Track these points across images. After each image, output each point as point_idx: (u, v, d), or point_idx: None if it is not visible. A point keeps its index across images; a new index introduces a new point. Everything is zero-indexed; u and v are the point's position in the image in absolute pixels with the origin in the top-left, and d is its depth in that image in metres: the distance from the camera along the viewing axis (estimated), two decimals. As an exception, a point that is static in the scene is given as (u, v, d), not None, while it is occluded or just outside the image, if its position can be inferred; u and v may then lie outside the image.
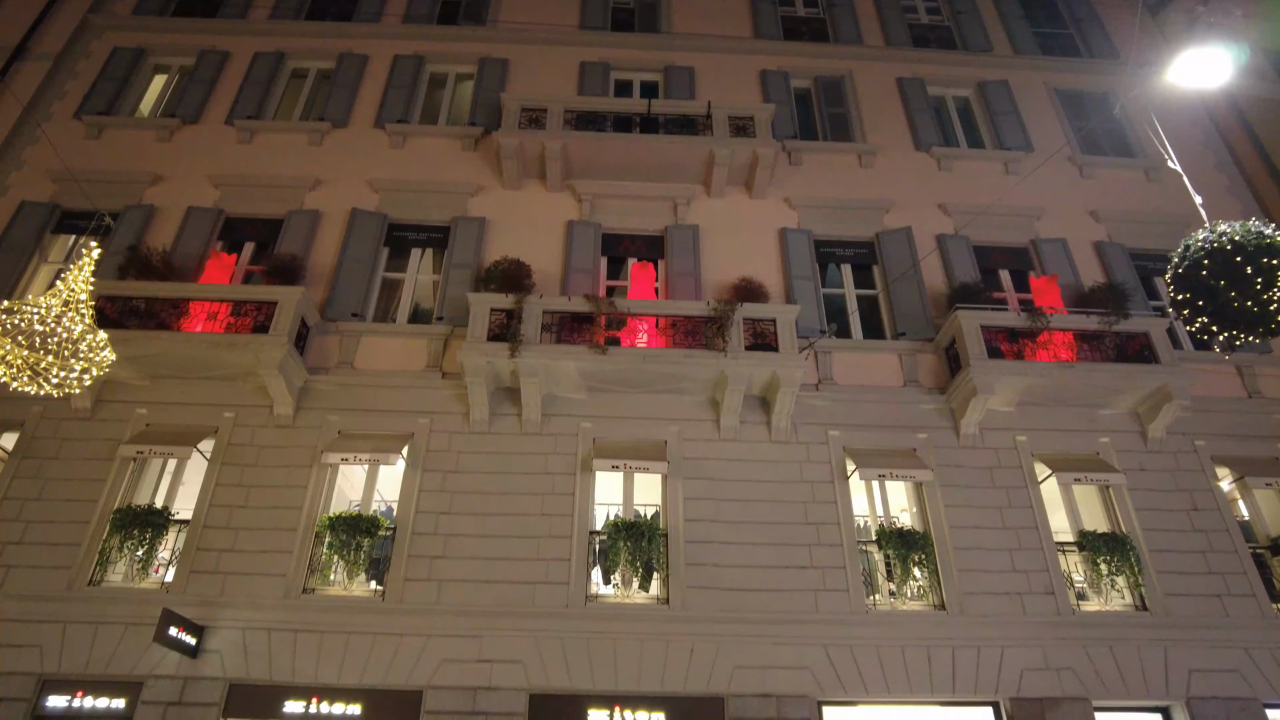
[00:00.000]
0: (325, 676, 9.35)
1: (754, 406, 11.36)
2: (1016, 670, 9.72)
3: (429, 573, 9.97)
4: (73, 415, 10.98)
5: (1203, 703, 9.69)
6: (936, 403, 11.62)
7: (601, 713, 9.25)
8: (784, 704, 9.35)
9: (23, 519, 10.22)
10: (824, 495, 10.78)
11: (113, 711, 9.21)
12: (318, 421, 11.06)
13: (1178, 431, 11.57)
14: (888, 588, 10.39)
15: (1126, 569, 10.40)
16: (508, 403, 11.21)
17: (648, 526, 10.28)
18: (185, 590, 9.76)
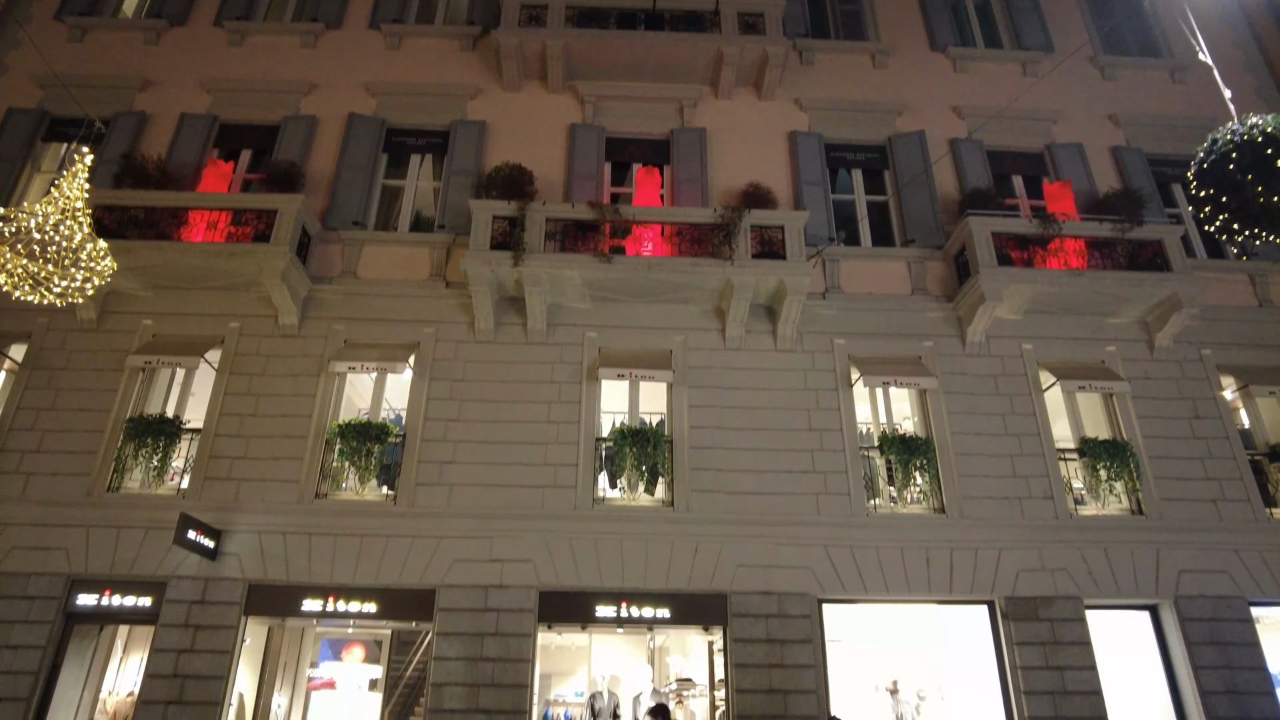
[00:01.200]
0: (341, 577, 9.68)
1: (760, 315, 11.30)
2: (1012, 571, 10.00)
3: (439, 477, 10.18)
4: (79, 326, 11.00)
5: (1190, 601, 10.00)
6: (944, 311, 11.54)
7: (609, 608, 9.62)
8: (785, 601, 9.68)
9: (38, 428, 10.38)
10: (828, 403, 10.86)
11: (140, 609, 9.60)
12: (323, 331, 11.07)
13: (1185, 340, 11.53)
14: (889, 492, 10.59)
15: (1125, 474, 10.55)
16: (512, 312, 11.17)
17: (653, 433, 10.40)
18: (200, 496, 10.00)
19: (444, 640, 9.37)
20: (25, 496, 9.92)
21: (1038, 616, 9.82)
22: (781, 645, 9.47)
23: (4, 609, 9.38)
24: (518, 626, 9.44)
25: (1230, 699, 9.53)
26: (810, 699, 9.25)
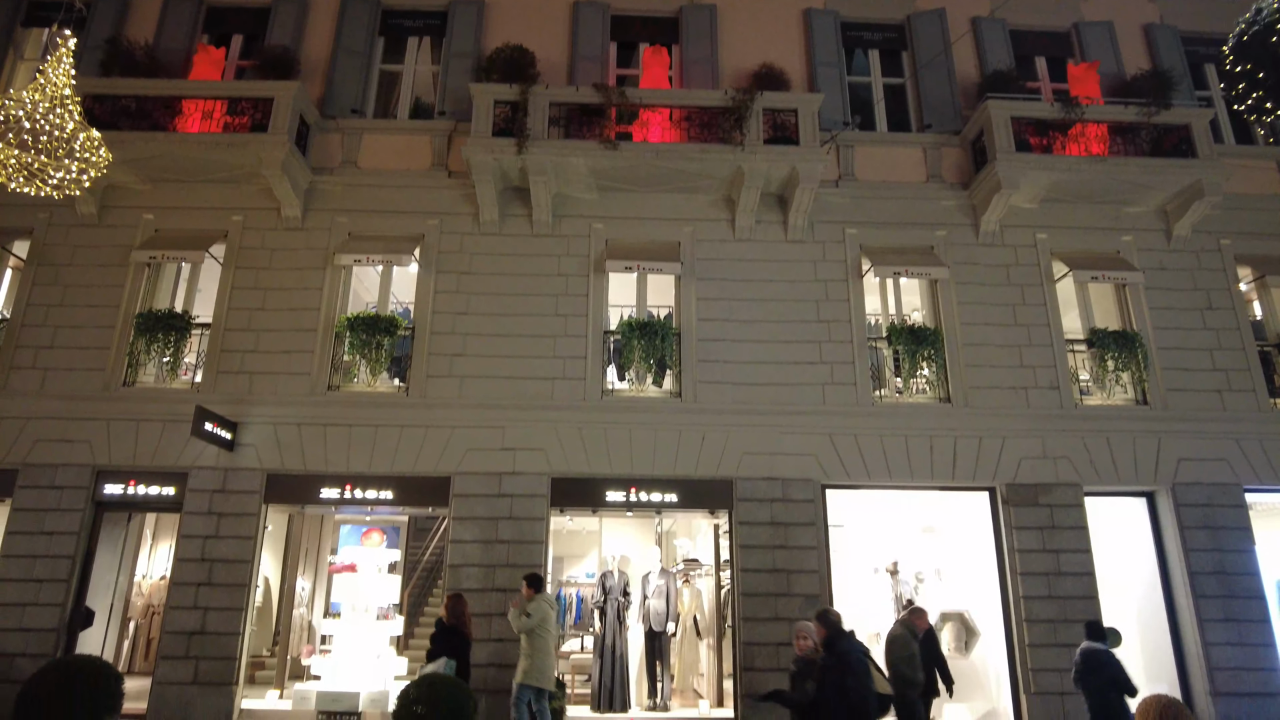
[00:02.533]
0: (357, 466, 9.92)
1: (770, 205, 11.07)
2: (1015, 459, 10.19)
3: (450, 369, 10.27)
4: (80, 222, 10.88)
5: (1187, 488, 10.22)
6: (958, 199, 11.28)
7: (618, 493, 9.90)
8: (789, 486, 9.93)
9: (49, 324, 10.44)
10: (837, 294, 10.78)
11: (165, 497, 9.93)
12: (327, 223, 10.93)
13: (1203, 230, 11.30)
14: (895, 383, 10.66)
15: (1133, 365, 10.57)
16: (517, 203, 10.97)
17: (661, 326, 10.40)
18: (214, 390, 10.14)
19: (459, 525, 9.71)
20: (44, 391, 10.08)
21: (1037, 502, 10.07)
22: (785, 528, 9.78)
23: (36, 498, 9.70)
24: (530, 511, 9.75)
25: (1217, 579, 9.88)
26: (813, 579, 9.63)
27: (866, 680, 5.26)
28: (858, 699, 5.14)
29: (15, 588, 9.38)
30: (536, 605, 8.18)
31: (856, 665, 5.26)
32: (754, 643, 9.38)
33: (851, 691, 5.16)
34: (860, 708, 5.14)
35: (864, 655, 5.43)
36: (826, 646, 5.44)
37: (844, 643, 5.41)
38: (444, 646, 7.99)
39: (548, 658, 8.15)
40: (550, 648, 8.23)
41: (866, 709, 5.16)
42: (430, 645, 8.16)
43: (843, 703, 5.15)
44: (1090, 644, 7.66)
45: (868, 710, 5.17)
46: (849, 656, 5.31)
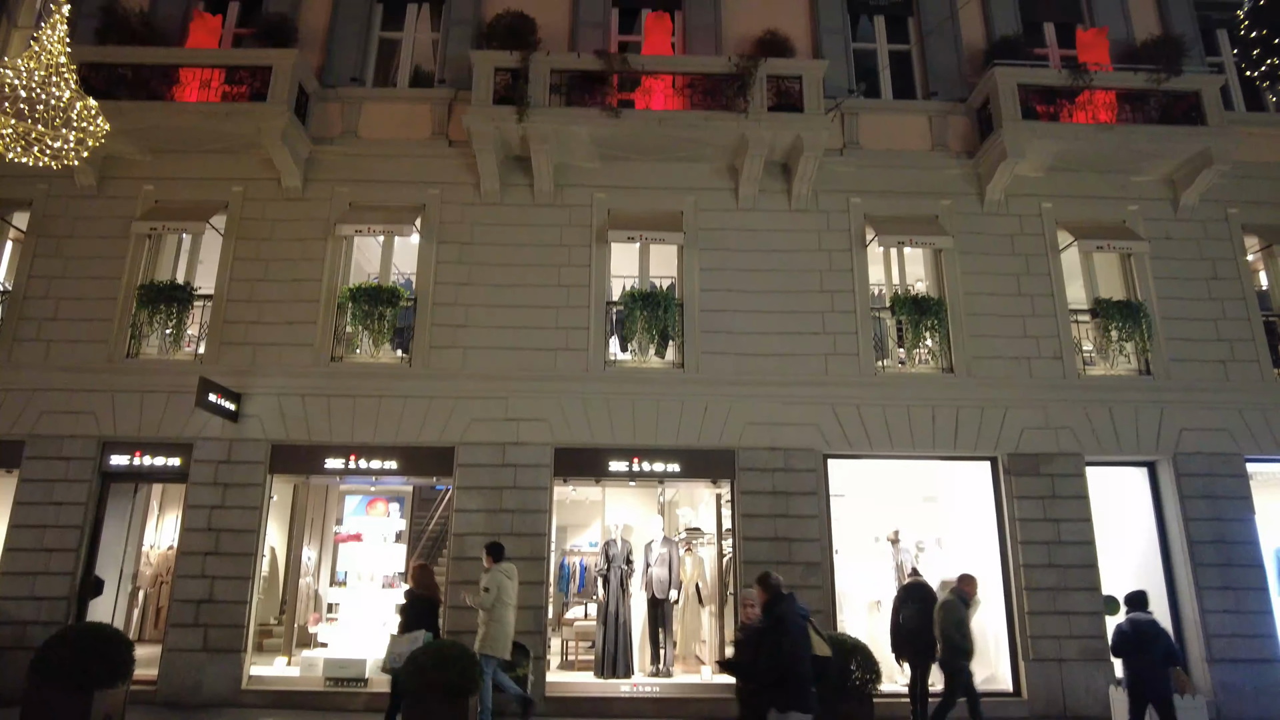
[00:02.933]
0: (361, 436, 9.97)
1: (775, 174, 10.98)
2: (1017, 428, 10.21)
3: (453, 340, 10.28)
4: (79, 193, 10.83)
5: (1188, 457, 10.25)
6: (963, 168, 11.19)
7: (621, 463, 9.95)
8: (791, 456, 9.98)
9: (52, 296, 10.44)
10: (841, 264, 10.74)
11: (170, 468, 10.00)
12: (327, 193, 10.87)
13: (1211, 199, 11.21)
14: (898, 353, 10.65)
15: (1137, 335, 10.55)
16: (518, 172, 10.89)
17: (663, 297, 10.38)
18: (218, 361, 10.17)
19: (464, 494, 9.78)
20: (48, 363, 10.12)
21: (1038, 472, 10.11)
22: (787, 497, 9.84)
23: (43, 469, 9.78)
24: (534, 481, 9.81)
25: (1215, 548, 9.95)
26: (814, 547, 9.71)
27: (803, 643, 5.32)
28: (792, 661, 5.23)
29: (26, 557, 9.50)
30: (492, 577, 8.23)
31: (793, 628, 5.33)
32: (756, 610, 9.48)
33: (786, 654, 5.25)
34: (794, 670, 5.22)
35: (804, 619, 5.48)
36: (765, 610, 5.53)
37: (782, 606, 5.47)
38: (417, 617, 8.00)
39: (504, 627, 8.14)
40: (507, 617, 8.20)
41: (800, 671, 5.23)
42: (402, 616, 8.17)
43: (778, 665, 5.25)
44: (1138, 615, 7.47)
45: (801, 672, 5.24)
46: (785, 620, 5.37)
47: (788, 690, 5.22)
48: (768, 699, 5.27)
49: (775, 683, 5.26)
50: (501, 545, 8.69)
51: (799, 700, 5.22)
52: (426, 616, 8.06)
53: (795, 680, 5.23)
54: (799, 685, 5.24)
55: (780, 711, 5.21)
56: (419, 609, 8.08)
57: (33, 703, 6.68)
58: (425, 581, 8.33)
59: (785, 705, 5.20)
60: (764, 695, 5.32)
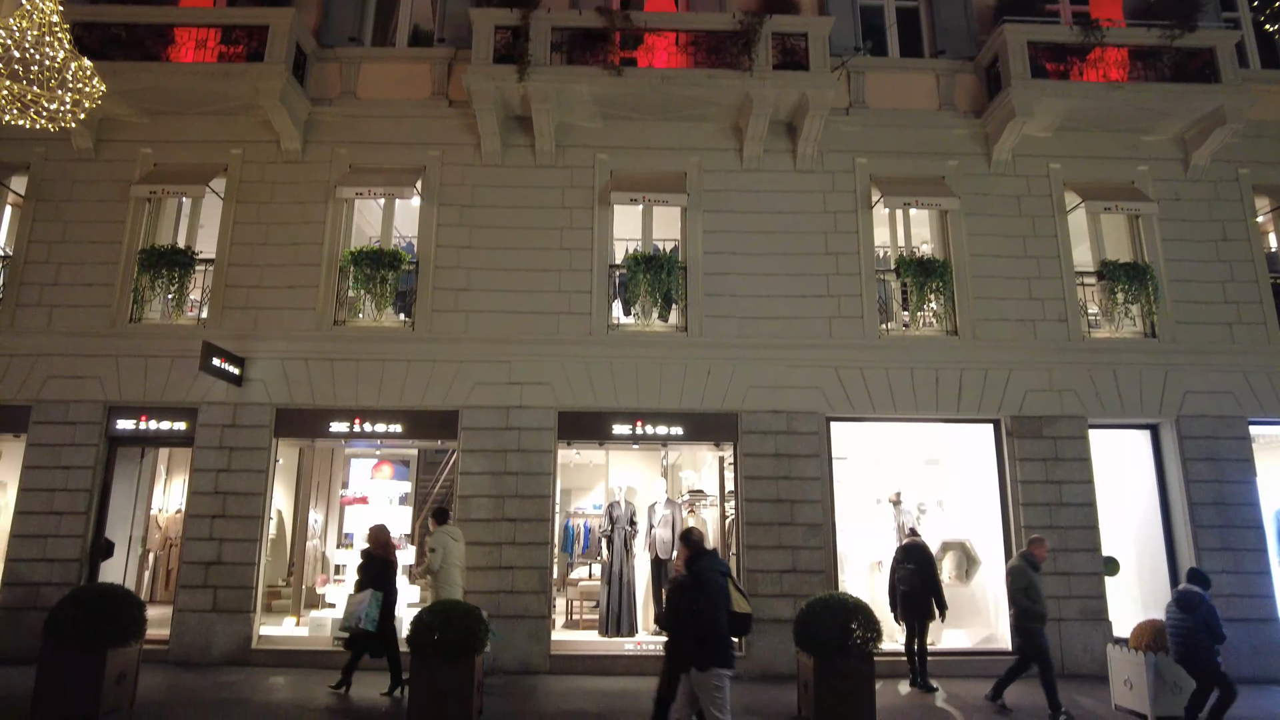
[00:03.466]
0: (365, 400, 10.00)
1: (779, 133, 10.84)
2: (1021, 391, 10.21)
3: (455, 304, 10.25)
4: (77, 156, 10.73)
5: (1191, 420, 10.25)
6: (970, 128, 11.03)
7: (625, 426, 9.99)
8: (794, 419, 10.00)
9: (53, 260, 10.40)
10: (846, 225, 10.64)
11: (176, 432, 10.05)
12: (327, 155, 10.76)
13: (1222, 159, 11.06)
14: (902, 316, 10.61)
15: (1143, 297, 10.49)
16: (519, 132, 10.75)
17: (666, 259, 10.31)
18: (220, 325, 10.16)
19: (469, 457, 9.83)
20: (52, 328, 10.12)
21: (1041, 434, 10.13)
22: (789, 460, 9.88)
23: (51, 434, 9.84)
24: (538, 444, 9.86)
25: (1216, 509, 10.01)
26: (815, 508, 9.77)
27: (719, 598, 5.38)
28: (708, 616, 5.29)
29: (37, 520, 9.60)
30: (438, 539, 8.46)
31: (710, 584, 5.40)
32: (757, 570, 9.59)
33: (703, 608, 5.31)
34: (709, 624, 5.29)
35: (723, 575, 5.55)
36: (686, 565, 5.59)
37: (702, 562, 5.54)
38: (372, 577, 8.15)
39: (453, 588, 8.38)
40: (455, 578, 8.43)
41: (716, 625, 5.31)
42: (359, 575, 8.32)
43: (695, 619, 5.32)
44: (1188, 586, 7.41)
45: (717, 626, 5.31)
46: (704, 575, 5.44)
47: (706, 646, 5.29)
48: (687, 655, 5.35)
49: (694, 639, 5.33)
50: (446, 509, 8.97)
51: (717, 656, 5.29)
52: (381, 576, 8.20)
53: (713, 637, 5.30)
54: (717, 641, 5.31)
55: (700, 669, 5.29)
56: (374, 568, 8.22)
57: (48, 662, 6.79)
58: (382, 541, 8.47)
59: (704, 662, 5.28)
60: (683, 651, 5.39)
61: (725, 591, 5.45)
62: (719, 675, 5.27)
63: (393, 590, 8.27)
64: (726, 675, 5.31)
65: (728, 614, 5.41)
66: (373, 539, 8.46)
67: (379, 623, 7.92)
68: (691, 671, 5.32)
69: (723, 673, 5.29)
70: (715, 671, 5.26)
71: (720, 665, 5.28)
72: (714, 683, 5.25)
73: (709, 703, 5.26)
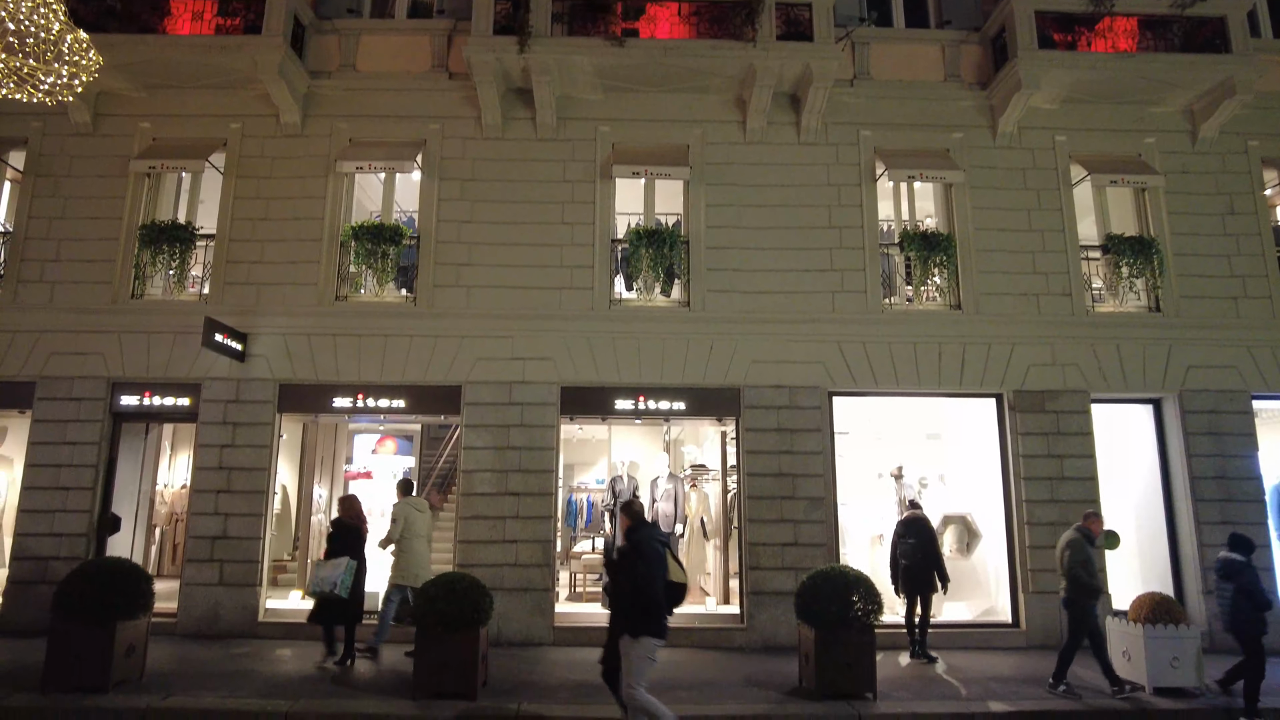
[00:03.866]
0: (368, 375, 10.01)
1: (783, 105, 10.73)
2: (1024, 366, 10.19)
3: (457, 279, 10.22)
4: (75, 131, 10.65)
5: (1194, 394, 10.24)
6: (976, 99, 10.91)
7: (627, 401, 10.00)
8: (796, 394, 10.00)
9: (53, 237, 10.36)
10: (850, 199, 10.57)
11: (180, 408, 10.08)
12: (326, 130, 10.67)
13: (1231, 131, 10.95)
14: (905, 290, 10.57)
15: (1148, 272, 10.44)
16: (520, 105, 10.65)
17: (669, 234, 10.26)
18: (222, 301, 10.15)
19: (472, 432, 9.86)
20: (54, 304, 10.11)
21: (1044, 409, 10.13)
22: (791, 434, 9.90)
23: (55, 410, 9.87)
24: (541, 419, 9.88)
25: (1217, 483, 10.03)
26: (817, 482, 9.81)
27: (655, 568, 5.43)
28: (645, 585, 5.36)
29: (44, 495, 9.67)
30: (400, 510, 8.62)
31: (648, 553, 5.47)
32: (759, 543, 9.65)
33: (640, 578, 5.37)
34: (646, 594, 5.35)
35: (661, 545, 5.61)
36: (626, 535, 5.68)
37: (641, 532, 5.61)
38: (343, 545, 8.26)
39: (415, 557, 8.56)
40: (417, 548, 8.60)
41: (652, 595, 5.36)
42: (329, 543, 8.42)
43: (632, 589, 5.39)
44: (1229, 553, 7.41)
45: (653, 596, 5.36)
46: (643, 545, 5.51)
47: (640, 615, 5.36)
48: (623, 623, 5.41)
49: (630, 608, 5.39)
50: (410, 481, 9.14)
51: (650, 625, 5.36)
52: (352, 544, 8.30)
53: (647, 606, 5.36)
54: (651, 611, 5.37)
55: (633, 637, 5.36)
56: (345, 537, 8.33)
57: (58, 634, 6.87)
58: (353, 511, 8.57)
59: (637, 629, 5.35)
60: (620, 619, 5.45)
61: (663, 561, 5.51)
62: (649, 644, 5.36)
63: (363, 560, 8.37)
64: (657, 645, 5.40)
65: (664, 583, 5.46)
66: (344, 509, 8.61)
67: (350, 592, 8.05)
68: (624, 638, 5.39)
69: (654, 642, 5.38)
70: (646, 640, 5.35)
71: (652, 634, 5.38)
72: (644, 651, 5.35)
73: (630, 669, 5.37)
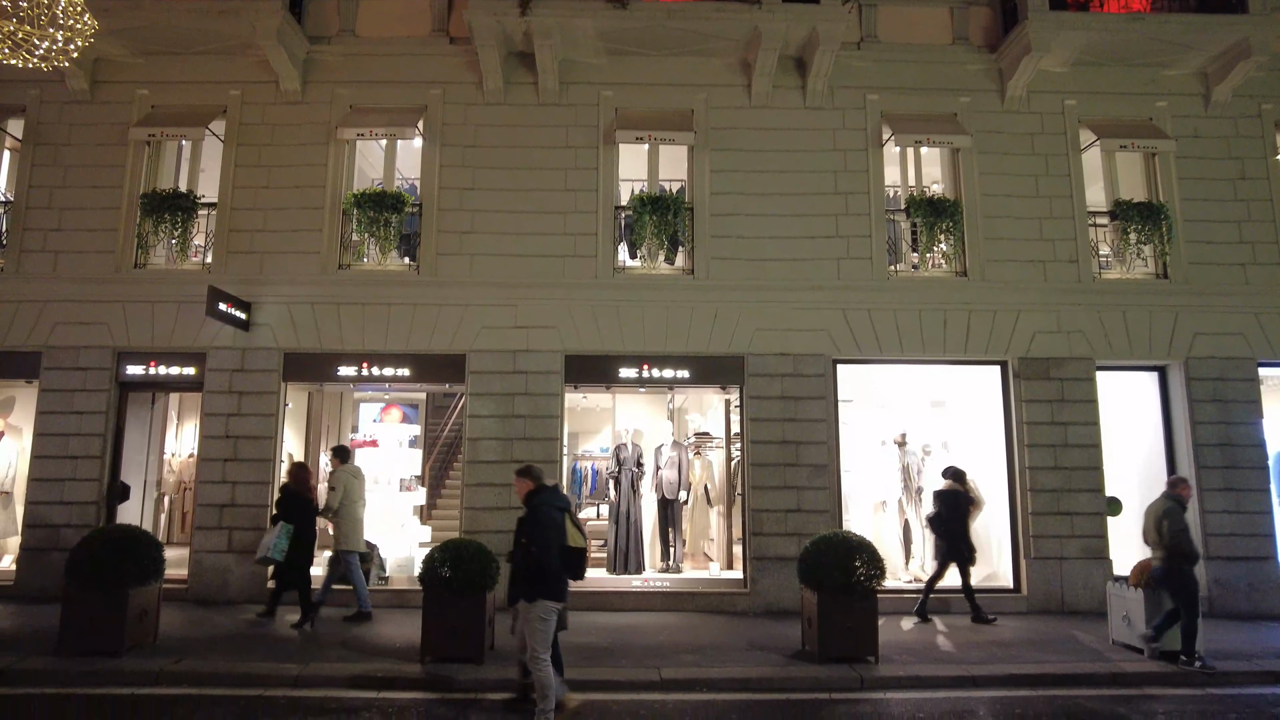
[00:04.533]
0: (372, 344, 10.02)
1: (789, 69, 10.57)
2: (1029, 333, 10.16)
3: (460, 247, 10.17)
4: (72, 98, 10.56)
5: (1200, 362, 10.21)
6: (984, 63, 10.73)
7: (631, 369, 10.01)
8: (800, 362, 9.99)
9: (54, 206, 10.32)
10: (856, 164, 10.46)
11: (186, 377, 10.12)
12: (327, 96, 10.55)
13: (1245, 94, 10.79)
14: (911, 257, 10.50)
15: (1156, 238, 10.34)
16: (522, 69, 10.51)
17: (673, 200, 10.17)
18: (225, 270, 10.13)
19: (476, 400, 9.89)
20: (57, 274, 10.10)
21: (1048, 376, 10.12)
22: (795, 402, 9.91)
23: (62, 379, 9.92)
24: (545, 387, 9.90)
25: (1221, 451, 10.05)
26: (821, 450, 9.85)
27: (550, 532, 5.48)
28: (540, 548, 5.41)
29: (53, 464, 9.75)
30: (338, 477, 8.78)
31: (543, 518, 5.51)
32: (762, 510, 9.72)
33: (534, 542, 5.44)
34: (542, 560, 5.41)
35: (560, 510, 5.65)
36: (525, 500, 5.72)
37: (539, 497, 5.65)
38: (287, 512, 8.40)
39: (355, 523, 8.77)
40: (356, 514, 8.81)
41: (547, 558, 5.41)
42: (276, 509, 8.58)
43: (526, 554, 5.46)
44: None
45: (547, 559, 5.41)
46: (538, 510, 5.56)
47: (536, 580, 5.42)
48: (520, 588, 5.48)
49: (525, 572, 5.46)
50: (347, 448, 9.28)
51: (546, 589, 5.43)
52: (298, 512, 8.44)
53: (542, 570, 5.41)
54: (546, 575, 5.43)
55: (528, 600, 5.43)
56: (291, 504, 8.47)
57: (72, 600, 6.97)
58: (300, 479, 8.71)
59: (532, 594, 5.42)
60: (517, 584, 5.51)
61: (559, 526, 5.55)
62: (546, 608, 5.43)
63: (309, 527, 8.50)
64: (554, 608, 5.48)
65: (561, 549, 5.49)
66: (291, 476, 8.77)
67: (289, 555, 8.21)
68: (521, 603, 5.47)
69: (550, 605, 5.45)
70: (542, 604, 5.42)
71: (549, 598, 5.45)
72: (539, 614, 5.42)
73: (530, 633, 5.45)
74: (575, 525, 5.69)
